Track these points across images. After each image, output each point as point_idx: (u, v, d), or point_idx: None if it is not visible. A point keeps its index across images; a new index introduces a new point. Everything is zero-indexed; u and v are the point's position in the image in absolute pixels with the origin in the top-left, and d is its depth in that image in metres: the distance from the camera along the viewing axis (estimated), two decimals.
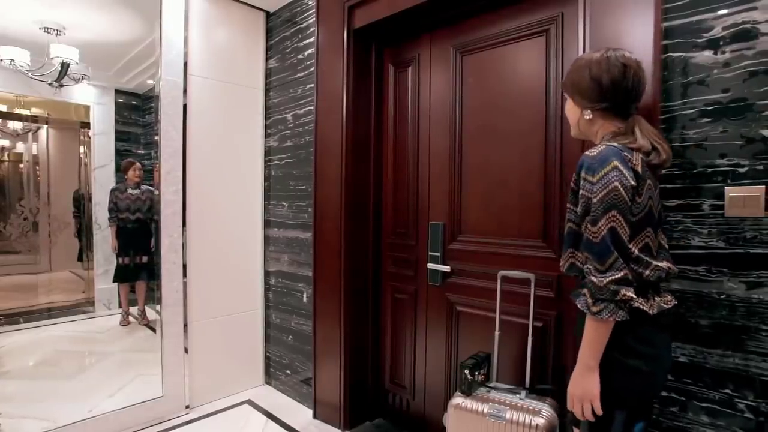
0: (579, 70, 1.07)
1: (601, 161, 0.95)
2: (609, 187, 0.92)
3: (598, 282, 0.93)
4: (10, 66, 2.30)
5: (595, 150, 0.98)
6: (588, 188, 0.97)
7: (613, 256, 0.92)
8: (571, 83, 1.09)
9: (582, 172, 0.99)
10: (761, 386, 1.13)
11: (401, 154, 2.16)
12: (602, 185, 0.93)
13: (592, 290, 0.95)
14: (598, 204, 0.94)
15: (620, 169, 0.93)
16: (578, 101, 1.09)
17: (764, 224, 1.11)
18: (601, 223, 0.93)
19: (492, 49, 1.80)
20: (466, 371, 1.52)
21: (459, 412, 1.50)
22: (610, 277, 0.92)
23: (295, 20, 2.51)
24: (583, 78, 1.05)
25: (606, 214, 0.93)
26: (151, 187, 2.86)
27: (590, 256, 0.96)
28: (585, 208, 0.98)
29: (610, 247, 0.92)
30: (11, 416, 2.14)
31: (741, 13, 1.14)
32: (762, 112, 1.11)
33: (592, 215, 0.95)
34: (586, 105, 1.07)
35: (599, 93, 1.03)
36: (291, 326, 2.60)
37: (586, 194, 0.97)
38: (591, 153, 0.98)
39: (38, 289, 2.82)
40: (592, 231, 0.95)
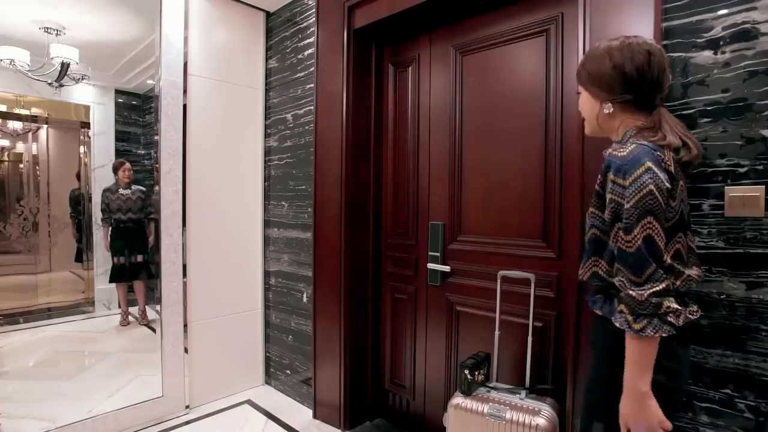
0: (598, 58, 0.96)
1: (632, 162, 0.86)
2: (643, 191, 0.84)
3: (638, 296, 0.84)
4: (10, 66, 2.30)
5: (624, 149, 0.89)
6: (618, 192, 0.87)
7: (651, 267, 0.84)
8: (588, 73, 0.98)
9: (610, 173, 0.89)
10: (761, 386, 1.13)
11: (401, 154, 2.16)
12: (635, 189, 0.84)
13: (631, 305, 0.86)
14: (632, 210, 0.85)
15: (654, 171, 0.84)
16: (596, 93, 0.98)
17: (764, 224, 1.11)
18: (636, 232, 0.85)
19: (492, 49, 1.80)
20: (466, 371, 1.52)
21: (459, 412, 1.50)
22: (651, 289, 0.84)
23: (295, 20, 2.51)
24: (604, 66, 0.95)
25: (641, 221, 0.84)
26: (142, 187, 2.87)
27: (624, 268, 0.87)
28: (614, 213, 0.89)
29: (647, 257, 0.84)
30: (11, 416, 2.14)
31: (741, 13, 1.14)
32: (762, 113, 1.11)
33: (626, 223, 0.86)
34: (606, 97, 0.96)
35: (622, 83, 0.94)
36: (291, 326, 2.59)
37: (616, 198, 0.88)
38: (619, 153, 0.89)
39: (38, 289, 2.81)
40: (626, 240, 0.86)
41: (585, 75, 1.00)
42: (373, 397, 2.29)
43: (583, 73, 1.01)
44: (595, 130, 1.05)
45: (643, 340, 0.86)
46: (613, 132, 1.01)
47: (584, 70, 1.00)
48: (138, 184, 3.05)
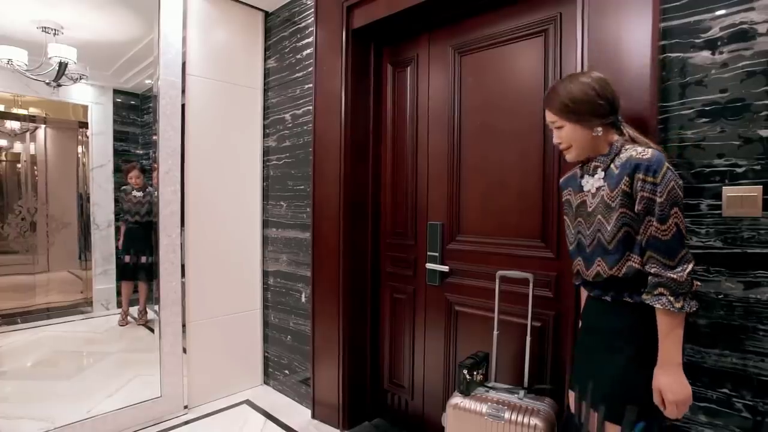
0: (582, 94, 1.08)
1: (657, 163, 0.99)
2: (670, 185, 0.98)
3: (678, 277, 0.96)
4: (7, 65, 2.29)
5: (646, 152, 1.01)
6: (649, 189, 0.99)
7: (683, 250, 0.98)
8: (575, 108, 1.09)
9: (639, 174, 1.01)
10: (759, 385, 1.13)
11: (400, 153, 2.16)
12: (665, 185, 0.98)
13: (672, 287, 0.97)
14: (664, 203, 0.98)
15: (672, 169, 0.99)
16: (586, 122, 1.09)
17: (762, 224, 1.12)
18: (670, 221, 0.98)
19: (491, 49, 1.80)
20: (464, 371, 1.52)
21: (457, 411, 1.50)
22: (687, 269, 0.97)
23: (294, 20, 2.51)
24: (591, 98, 1.08)
25: (671, 211, 0.98)
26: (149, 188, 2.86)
27: (658, 254, 0.99)
28: (647, 208, 1.00)
29: (680, 241, 0.98)
30: (9, 417, 2.13)
31: (739, 14, 1.14)
32: (759, 113, 1.12)
33: (660, 214, 0.98)
34: (597, 123, 1.09)
35: (607, 107, 1.09)
36: (290, 326, 2.59)
37: (647, 195, 1.00)
38: (643, 156, 1.01)
39: (36, 290, 2.81)
40: (662, 229, 0.98)
41: (571, 109, 1.10)
42: (372, 397, 2.29)
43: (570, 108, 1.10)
44: (582, 154, 1.15)
45: (680, 316, 0.98)
46: (598, 150, 1.13)
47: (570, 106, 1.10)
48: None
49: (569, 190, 1.25)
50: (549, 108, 1.15)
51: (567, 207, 1.26)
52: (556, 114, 1.13)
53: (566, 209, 1.27)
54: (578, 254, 1.19)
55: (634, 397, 1.04)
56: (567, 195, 1.26)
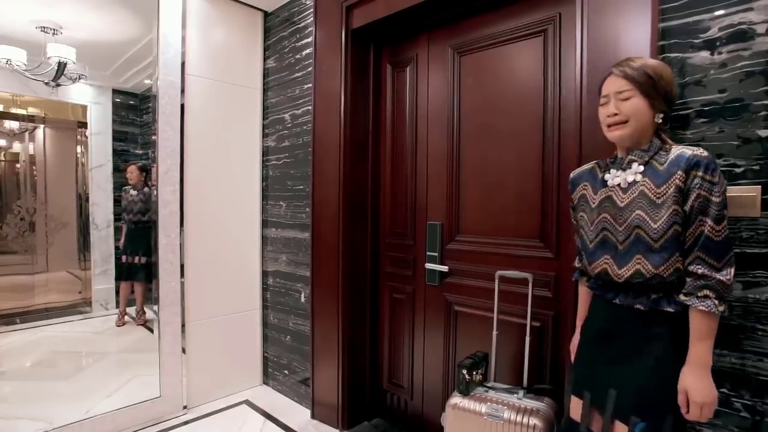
0: (667, 74, 1.06)
1: (715, 163, 0.98)
2: (724, 187, 0.98)
3: (726, 280, 0.95)
4: (6, 65, 2.29)
5: (703, 151, 0.99)
6: (707, 188, 0.97)
7: (730, 253, 0.97)
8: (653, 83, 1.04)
9: (699, 171, 0.97)
10: (758, 385, 1.13)
11: (399, 153, 2.16)
12: (721, 185, 0.97)
13: (719, 289, 0.95)
14: (721, 203, 0.96)
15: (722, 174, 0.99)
16: (657, 102, 1.05)
17: (761, 224, 1.12)
18: (724, 222, 0.97)
19: (490, 49, 1.80)
20: (463, 371, 1.52)
21: (457, 411, 1.50)
22: (731, 273, 0.96)
23: (293, 20, 2.51)
24: (672, 81, 1.07)
25: (725, 212, 0.97)
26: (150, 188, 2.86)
27: (707, 255, 0.97)
28: (702, 207, 0.97)
29: (730, 244, 0.97)
30: (7, 417, 2.13)
31: (737, 14, 1.14)
32: (758, 113, 1.12)
33: (717, 214, 0.96)
34: (662, 109, 1.06)
35: (674, 99, 1.09)
36: (289, 326, 2.59)
37: (704, 194, 0.97)
38: (702, 153, 0.98)
39: (35, 290, 2.80)
40: (717, 230, 0.96)
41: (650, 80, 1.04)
42: (372, 397, 2.29)
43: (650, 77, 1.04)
44: (632, 135, 1.07)
45: (718, 319, 0.97)
46: (640, 141, 1.08)
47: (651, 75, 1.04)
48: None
49: (585, 185, 1.20)
50: (624, 74, 1.06)
51: (583, 203, 1.20)
52: (632, 82, 1.04)
53: (581, 205, 1.20)
54: (604, 252, 1.11)
55: (670, 407, 1.00)
56: (582, 190, 1.21)
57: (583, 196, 1.20)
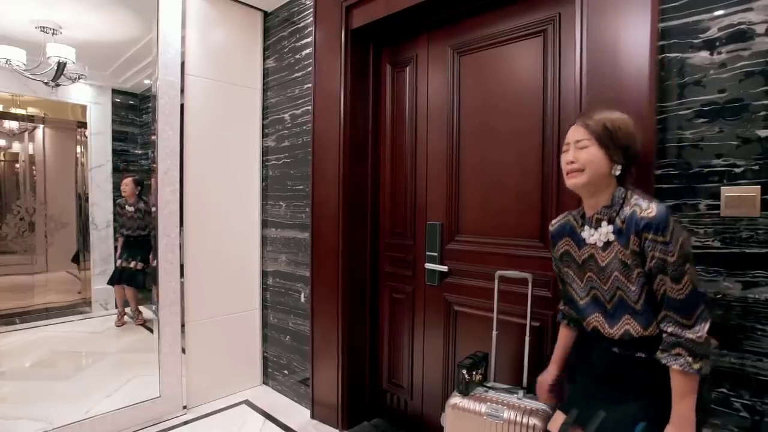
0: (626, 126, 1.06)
1: (664, 220, 0.96)
2: (680, 242, 0.96)
3: (697, 338, 0.94)
4: (6, 65, 2.29)
5: (651, 209, 0.98)
6: (661, 249, 0.96)
7: (699, 308, 0.96)
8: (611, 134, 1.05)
9: (650, 233, 0.98)
10: (757, 385, 1.13)
11: (399, 153, 2.16)
12: (675, 242, 0.96)
13: (690, 347, 0.94)
14: (677, 261, 0.95)
15: (678, 223, 0.98)
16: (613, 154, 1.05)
17: (760, 224, 1.12)
18: (685, 279, 0.95)
19: (489, 49, 1.80)
20: (463, 371, 1.52)
21: (456, 411, 1.50)
22: (705, 328, 0.95)
23: (293, 20, 2.51)
24: (631, 135, 1.06)
25: (685, 268, 0.95)
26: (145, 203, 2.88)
27: (674, 314, 0.97)
28: (659, 267, 0.97)
29: (696, 299, 0.96)
30: (7, 417, 2.13)
31: (737, 14, 1.14)
32: (758, 113, 1.12)
33: (674, 273, 0.96)
34: (620, 160, 1.05)
35: (635, 153, 1.07)
36: (289, 326, 2.59)
37: (659, 255, 0.97)
38: (649, 213, 0.98)
39: (35, 290, 2.80)
40: (677, 288, 0.96)
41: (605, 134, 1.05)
42: (371, 397, 2.29)
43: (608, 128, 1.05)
44: (587, 184, 1.08)
45: (697, 377, 0.95)
46: (599, 191, 1.08)
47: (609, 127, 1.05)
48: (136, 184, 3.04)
49: (567, 240, 1.19)
50: (584, 125, 1.08)
51: (568, 259, 1.19)
52: (590, 132, 1.06)
53: (566, 260, 1.20)
54: (594, 310, 1.12)
55: None
56: (565, 246, 1.20)
57: (567, 253, 1.19)
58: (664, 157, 1.26)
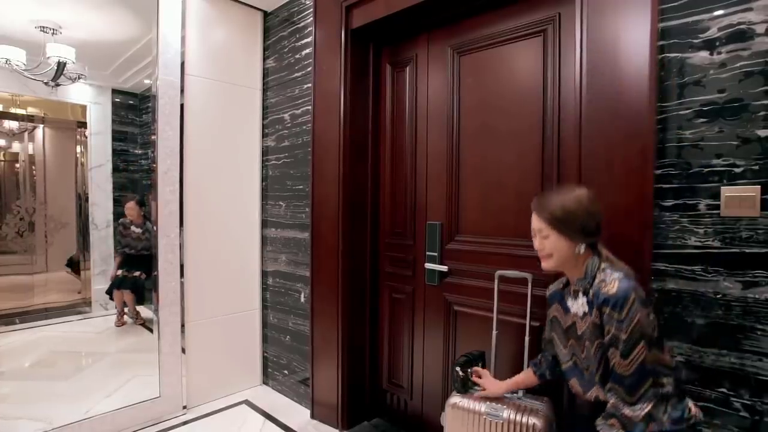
0: (575, 208, 1.09)
1: (623, 297, 1.00)
2: (634, 320, 0.98)
3: (633, 416, 0.97)
4: (5, 65, 2.29)
5: (613, 285, 1.02)
6: (615, 325, 1.00)
7: (642, 388, 0.98)
8: (565, 221, 1.10)
9: (606, 308, 1.02)
10: (757, 385, 1.13)
11: (399, 153, 2.16)
12: (629, 320, 0.98)
13: (624, 423, 0.98)
14: (629, 339, 0.98)
15: (638, 303, 0.99)
16: (573, 237, 1.10)
17: (760, 224, 1.12)
18: (632, 357, 0.98)
19: (489, 49, 1.80)
20: (457, 368, 1.52)
21: (456, 411, 1.49)
22: (645, 409, 0.97)
23: (293, 20, 2.51)
24: (580, 214, 1.09)
25: (636, 346, 0.98)
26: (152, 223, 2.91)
27: (618, 387, 1.00)
28: (612, 341, 1.01)
29: (642, 378, 0.98)
30: (7, 417, 2.13)
31: (737, 14, 1.14)
32: (757, 113, 1.12)
33: (623, 349, 0.99)
34: (581, 240, 1.10)
35: (593, 227, 1.10)
36: (288, 326, 2.59)
37: (613, 330, 1.01)
38: (610, 290, 1.02)
39: (34, 290, 2.80)
40: (624, 364, 0.99)
41: (560, 221, 1.11)
42: (371, 397, 2.29)
43: (559, 218, 1.11)
44: (560, 266, 1.15)
45: None
46: (573, 267, 1.14)
47: (560, 216, 1.11)
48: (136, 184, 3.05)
49: (557, 306, 1.24)
50: (539, 215, 1.15)
51: (555, 324, 1.25)
52: (545, 222, 1.13)
53: (554, 325, 1.26)
54: (573, 375, 1.18)
55: None
56: (555, 312, 1.26)
57: (556, 318, 1.25)
58: (664, 157, 1.27)
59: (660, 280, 1.27)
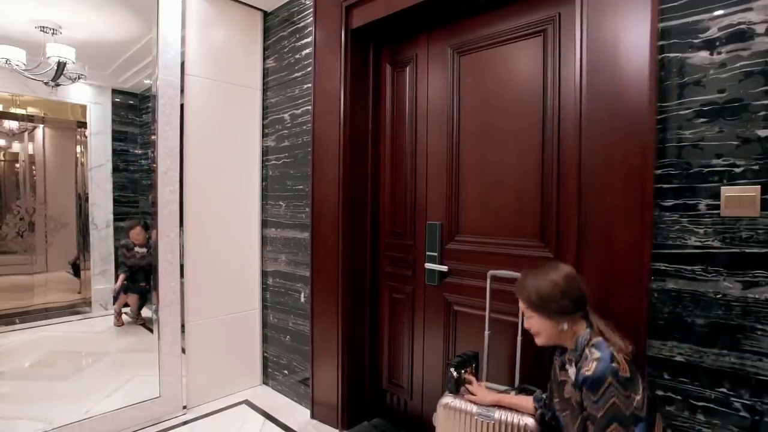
0: (548, 291, 1.15)
1: (598, 380, 1.04)
2: (609, 402, 1.02)
3: None
4: (5, 65, 2.29)
5: (591, 368, 1.06)
6: (591, 405, 1.05)
7: None
8: (542, 304, 1.16)
9: (585, 387, 1.07)
10: (757, 385, 1.13)
11: (399, 153, 2.16)
12: (604, 401, 1.03)
13: None
14: (602, 419, 1.03)
15: (615, 385, 1.03)
16: (554, 317, 1.16)
17: (760, 224, 1.12)
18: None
19: (489, 49, 1.80)
20: (451, 369, 1.51)
21: (448, 411, 1.48)
22: None
23: (293, 20, 2.51)
24: (556, 297, 1.14)
25: (608, 427, 1.02)
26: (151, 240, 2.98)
27: None
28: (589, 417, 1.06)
29: None
30: (7, 417, 2.13)
31: (737, 14, 1.14)
32: (757, 113, 1.12)
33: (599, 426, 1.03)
34: (563, 319, 1.15)
35: (574, 306, 1.15)
36: (288, 326, 2.59)
37: (589, 409, 1.06)
38: (587, 371, 1.06)
39: (34, 290, 2.80)
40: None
41: (538, 304, 1.17)
42: (371, 397, 2.29)
43: (536, 302, 1.17)
44: (550, 342, 1.21)
45: None
46: (566, 341, 1.19)
47: (536, 301, 1.17)
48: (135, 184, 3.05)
49: (559, 359, 1.27)
50: (519, 297, 1.23)
51: (553, 373, 1.29)
52: (527, 304, 1.20)
53: (553, 374, 1.29)
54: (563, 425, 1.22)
55: None
56: (556, 362, 1.28)
57: (554, 368, 1.29)
58: (664, 157, 1.27)
59: (660, 280, 1.27)
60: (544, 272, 1.19)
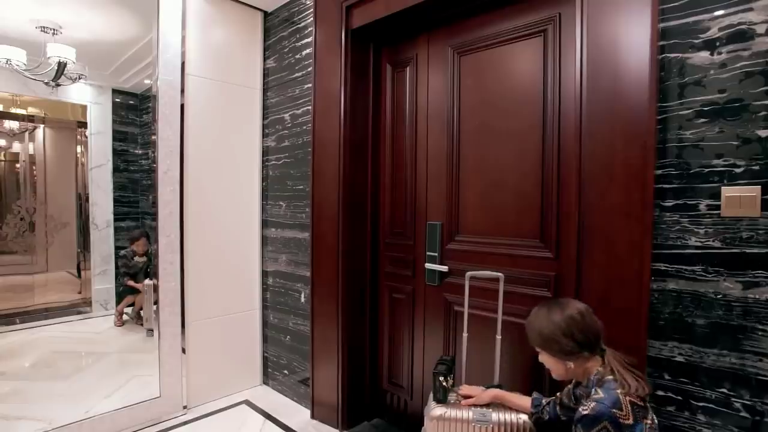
0: (550, 333, 1.15)
1: (591, 421, 1.03)
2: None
3: None
4: (6, 65, 2.29)
5: (589, 407, 1.05)
6: None
7: None
8: (546, 344, 1.17)
9: (578, 425, 1.06)
10: (757, 385, 1.13)
11: (399, 153, 2.16)
12: None
13: None
14: None
15: (609, 429, 1.02)
16: (559, 357, 1.16)
17: (760, 224, 1.12)
18: None
19: (490, 49, 1.80)
20: (440, 378, 1.47)
21: (442, 423, 1.39)
22: None
23: (293, 20, 2.51)
24: (558, 338, 1.14)
25: None
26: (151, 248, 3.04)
27: None
28: None
29: None
30: (7, 417, 2.13)
31: (737, 14, 1.14)
32: (758, 113, 1.12)
33: None
34: (569, 359, 1.16)
35: (576, 345, 1.13)
36: (289, 326, 2.59)
37: None
38: (583, 410, 1.06)
39: (35, 290, 2.81)
40: None
41: (542, 344, 1.18)
42: (371, 397, 2.29)
43: (539, 343, 1.19)
44: (561, 378, 1.22)
45: None
46: (580, 376, 1.19)
47: (538, 341, 1.19)
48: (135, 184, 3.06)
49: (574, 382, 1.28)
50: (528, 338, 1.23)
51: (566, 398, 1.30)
52: (534, 344, 1.21)
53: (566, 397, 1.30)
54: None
55: None
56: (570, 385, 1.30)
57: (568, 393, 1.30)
58: (664, 157, 1.26)
59: (660, 280, 1.27)
60: (549, 311, 1.19)
